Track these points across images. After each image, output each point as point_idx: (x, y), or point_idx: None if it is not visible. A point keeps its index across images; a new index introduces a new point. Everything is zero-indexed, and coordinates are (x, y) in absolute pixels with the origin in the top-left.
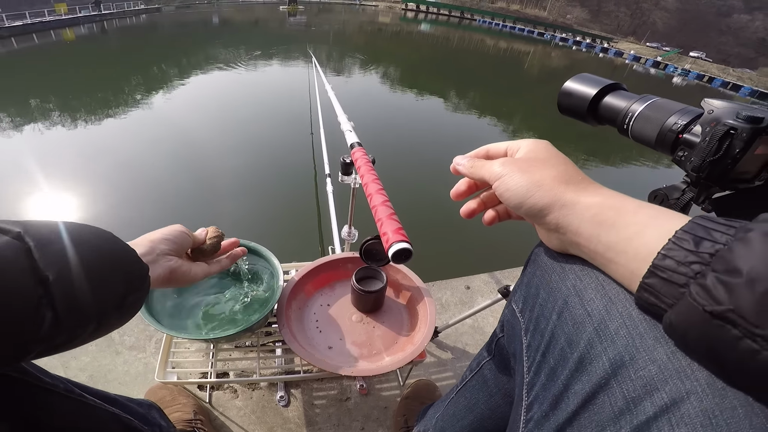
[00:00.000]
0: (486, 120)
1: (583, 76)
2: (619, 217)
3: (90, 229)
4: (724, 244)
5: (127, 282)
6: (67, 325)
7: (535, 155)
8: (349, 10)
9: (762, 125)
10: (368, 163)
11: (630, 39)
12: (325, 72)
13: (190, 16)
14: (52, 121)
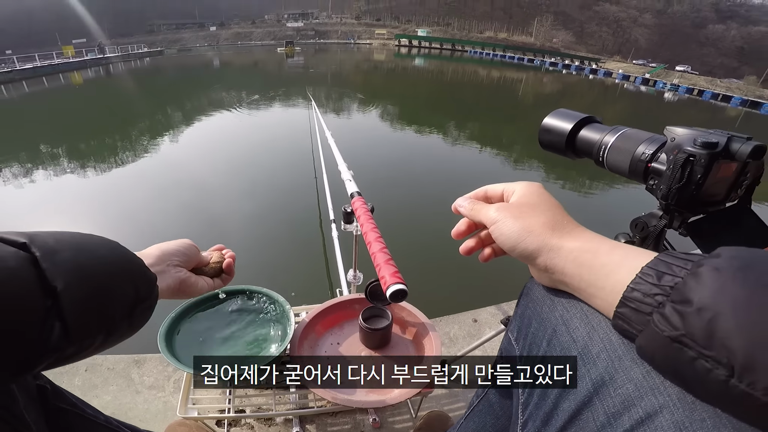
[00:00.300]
0: (486, 152)
1: (560, 112)
2: (595, 258)
3: (96, 239)
4: (682, 277)
5: (135, 292)
6: (77, 335)
7: (527, 200)
8: (344, 49)
9: (717, 150)
10: (367, 212)
11: (616, 58)
12: (325, 112)
13: (191, 59)
14: (61, 168)
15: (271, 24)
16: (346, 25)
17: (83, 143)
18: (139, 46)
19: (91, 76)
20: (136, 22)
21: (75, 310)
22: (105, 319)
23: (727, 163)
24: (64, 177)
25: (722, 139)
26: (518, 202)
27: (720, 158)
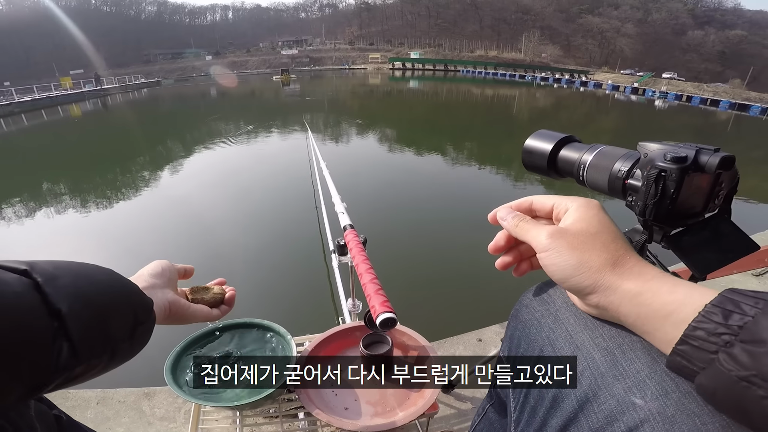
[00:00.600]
0: (487, 170)
1: (541, 133)
2: (656, 298)
3: (92, 266)
4: (752, 316)
5: (134, 314)
6: (84, 355)
7: (586, 227)
8: (339, 75)
9: (687, 164)
10: (359, 245)
11: (605, 69)
12: (324, 139)
13: (188, 89)
14: (61, 202)
15: (266, 52)
16: (339, 50)
17: (83, 177)
18: (137, 76)
19: (89, 109)
20: (133, 52)
21: (80, 331)
22: (109, 340)
23: (699, 175)
24: (65, 211)
25: (691, 153)
26: (576, 229)
27: (690, 171)
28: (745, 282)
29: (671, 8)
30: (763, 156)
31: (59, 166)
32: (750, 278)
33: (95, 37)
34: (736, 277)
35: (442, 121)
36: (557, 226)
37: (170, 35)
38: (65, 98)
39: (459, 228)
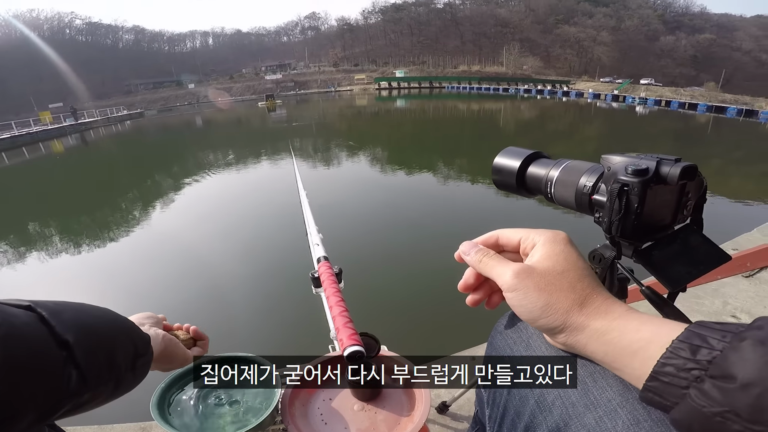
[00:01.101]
0: (479, 185)
1: (509, 150)
2: (623, 336)
3: (88, 305)
4: (720, 350)
5: (134, 347)
6: (92, 382)
7: (553, 266)
8: (326, 97)
9: (649, 176)
10: (331, 277)
11: (584, 78)
12: (314, 165)
13: (173, 119)
14: (48, 242)
15: (250, 78)
16: (324, 73)
17: (68, 216)
18: (118, 108)
19: (72, 144)
20: (112, 83)
21: (88, 360)
22: (113, 369)
23: (662, 187)
24: (52, 251)
25: (652, 164)
26: (543, 268)
27: (652, 184)
28: (736, 284)
29: (642, 15)
30: (744, 156)
31: (44, 206)
32: (741, 280)
33: (72, 68)
34: (728, 280)
35: (430, 140)
36: (523, 264)
37: (150, 64)
38: (46, 134)
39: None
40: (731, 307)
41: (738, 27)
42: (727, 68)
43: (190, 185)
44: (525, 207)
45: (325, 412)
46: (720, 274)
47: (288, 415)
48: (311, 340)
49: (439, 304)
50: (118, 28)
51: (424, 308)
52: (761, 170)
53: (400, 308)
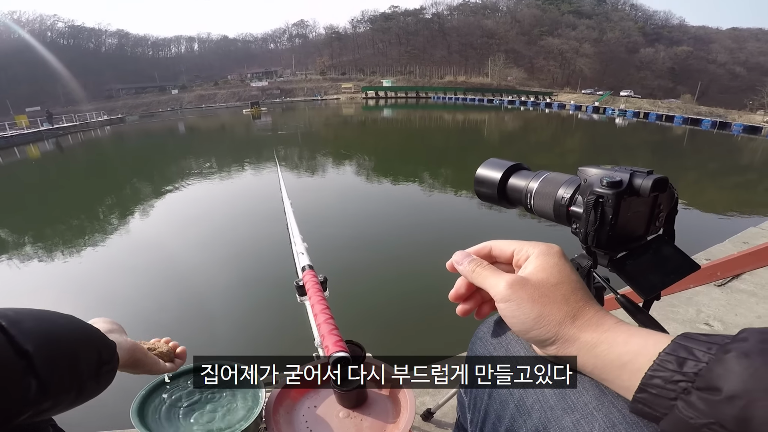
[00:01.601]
0: (463, 196)
1: (491, 162)
2: (612, 348)
3: (52, 312)
4: (706, 362)
5: (98, 355)
6: (52, 391)
7: (547, 278)
8: (312, 106)
9: (622, 188)
10: (316, 285)
11: (567, 89)
12: (299, 174)
13: (154, 125)
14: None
15: (235, 84)
16: (311, 81)
17: (44, 223)
18: (99, 113)
19: (49, 149)
20: (94, 87)
21: (48, 370)
22: (75, 378)
23: (635, 199)
24: (25, 257)
25: (625, 176)
26: (537, 279)
27: (626, 196)
28: (709, 293)
29: (624, 27)
30: (717, 168)
31: (16, 212)
32: (713, 289)
33: (53, 72)
34: (701, 288)
35: (415, 150)
36: (517, 274)
37: (133, 69)
38: (22, 138)
39: (434, 259)
40: (704, 315)
41: (714, 39)
42: (702, 80)
43: (171, 193)
44: (506, 218)
45: (310, 419)
46: (693, 283)
47: (272, 422)
48: (294, 349)
49: (423, 312)
50: (102, 31)
51: (408, 316)
52: (733, 182)
53: (385, 316)
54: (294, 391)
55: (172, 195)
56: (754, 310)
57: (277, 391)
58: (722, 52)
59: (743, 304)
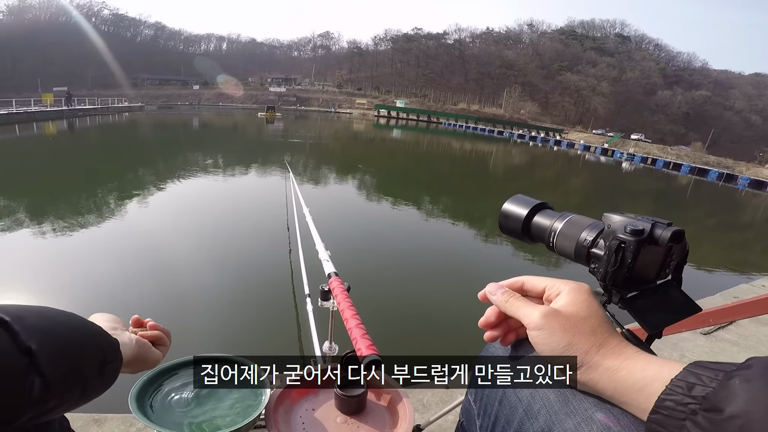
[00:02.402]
0: (460, 226)
1: (517, 198)
2: (631, 374)
3: (54, 309)
4: (712, 387)
5: (102, 353)
6: (56, 390)
7: (577, 311)
8: (324, 117)
9: (644, 237)
10: (344, 292)
11: (578, 128)
12: (302, 182)
13: (171, 117)
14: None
15: (255, 87)
16: (327, 93)
17: (45, 200)
18: (120, 99)
19: (65, 128)
20: (122, 75)
21: (52, 367)
22: (79, 376)
23: (653, 247)
24: (18, 235)
25: (647, 226)
26: (568, 312)
27: (646, 244)
28: (694, 340)
29: (645, 67)
30: (715, 224)
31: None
32: (698, 336)
33: (88, 55)
34: (686, 335)
35: (417, 175)
36: (550, 306)
37: (161, 61)
38: (43, 115)
39: (431, 278)
40: (687, 359)
41: (734, 85)
42: (716, 128)
43: (172, 190)
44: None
45: (306, 421)
46: (684, 327)
47: (272, 420)
48: (289, 354)
49: (429, 325)
50: (141, 22)
51: (410, 332)
52: (730, 240)
53: (387, 329)
54: (294, 392)
55: (174, 192)
56: (735, 358)
57: (278, 391)
58: (741, 98)
59: (725, 352)
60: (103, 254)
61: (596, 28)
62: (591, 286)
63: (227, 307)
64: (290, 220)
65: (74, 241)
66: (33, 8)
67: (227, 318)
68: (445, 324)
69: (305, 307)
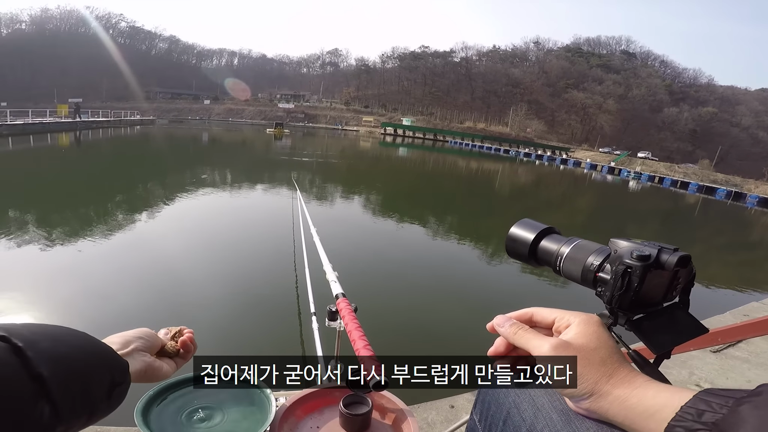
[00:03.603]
0: (466, 244)
1: (524, 222)
2: (642, 402)
3: (66, 329)
4: (722, 414)
5: (111, 377)
6: (65, 416)
7: (587, 343)
8: (332, 134)
9: (650, 262)
10: (351, 313)
11: (584, 146)
12: (309, 200)
13: (181, 131)
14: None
15: (264, 103)
16: (335, 110)
17: (54, 211)
18: (132, 112)
19: (79, 139)
20: (135, 88)
21: (61, 394)
22: (88, 401)
23: (660, 271)
24: (26, 247)
25: (654, 251)
26: (578, 344)
27: (652, 269)
28: (703, 357)
29: (650, 84)
30: (724, 243)
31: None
32: (708, 354)
33: (103, 67)
34: (696, 353)
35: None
36: (560, 338)
37: (174, 74)
38: (57, 126)
39: (439, 299)
40: (696, 377)
41: (741, 101)
42: (723, 144)
43: (179, 201)
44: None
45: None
46: (692, 347)
47: None
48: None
49: (436, 347)
50: (156, 35)
51: (421, 350)
52: (740, 259)
53: (390, 348)
54: (299, 409)
55: (181, 205)
56: (746, 375)
57: (284, 408)
58: (747, 114)
59: (735, 369)
60: (107, 266)
61: (602, 45)
62: (596, 308)
63: (232, 322)
64: (296, 237)
65: (82, 253)
66: (54, 18)
67: (232, 332)
68: (453, 346)
69: (311, 325)
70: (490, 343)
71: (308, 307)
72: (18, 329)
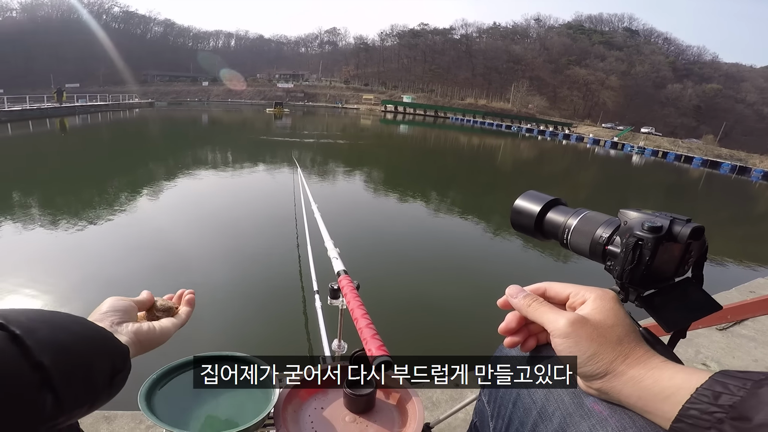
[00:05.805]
0: (468, 220)
1: (529, 194)
2: (657, 383)
3: (64, 315)
4: (740, 396)
5: (112, 363)
6: (68, 405)
7: (604, 320)
8: (332, 113)
9: (662, 234)
10: (353, 290)
11: (587, 122)
12: (309, 176)
13: (180, 113)
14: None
15: (263, 83)
16: (335, 88)
17: (55, 194)
18: (130, 96)
19: (77, 124)
20: (132, 71)
21: (64, 384)
22: (90, 389)
23: (672, 244)
24: (27, 229)
25: (666, 223)
26: (595, 320)
27: (664, 241)
28: (710, 335)
29: (654, 61)
30: (728, 217)
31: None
32: (714, 332)
33: (98, 53)
34: (702, 331)
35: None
36: (577, 313)
37: (171, 57)
38: (55, 111)
39: (441, 276)
40: (702, 355)
41: (746, 78)
42: (728, 120)
43: (179, 180)
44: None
45: (315, 419)
46: (699, 325)
47: (281, 419)
48: (296, 351)
49: (434, 328)
50: (150, 19)
51: (419, 330)
52: (744, 233)
53: (396, 327)
54: (303, 391)
55: (181, 187)
56: (752, 354)
57: (287, 390)
58: (752, 91)
59: (742, 348)
60: (107, 247)
61: (604, 22)
62: (606, 283)
63: (234, 303)
64: (298, 215)
65: (80, 235)
66: (45, 6)
67: (235, 314)
68: (456, 323)
69: (314, 304)
70: (494, 319)
71: (311, 284)
72: (15, 315)
